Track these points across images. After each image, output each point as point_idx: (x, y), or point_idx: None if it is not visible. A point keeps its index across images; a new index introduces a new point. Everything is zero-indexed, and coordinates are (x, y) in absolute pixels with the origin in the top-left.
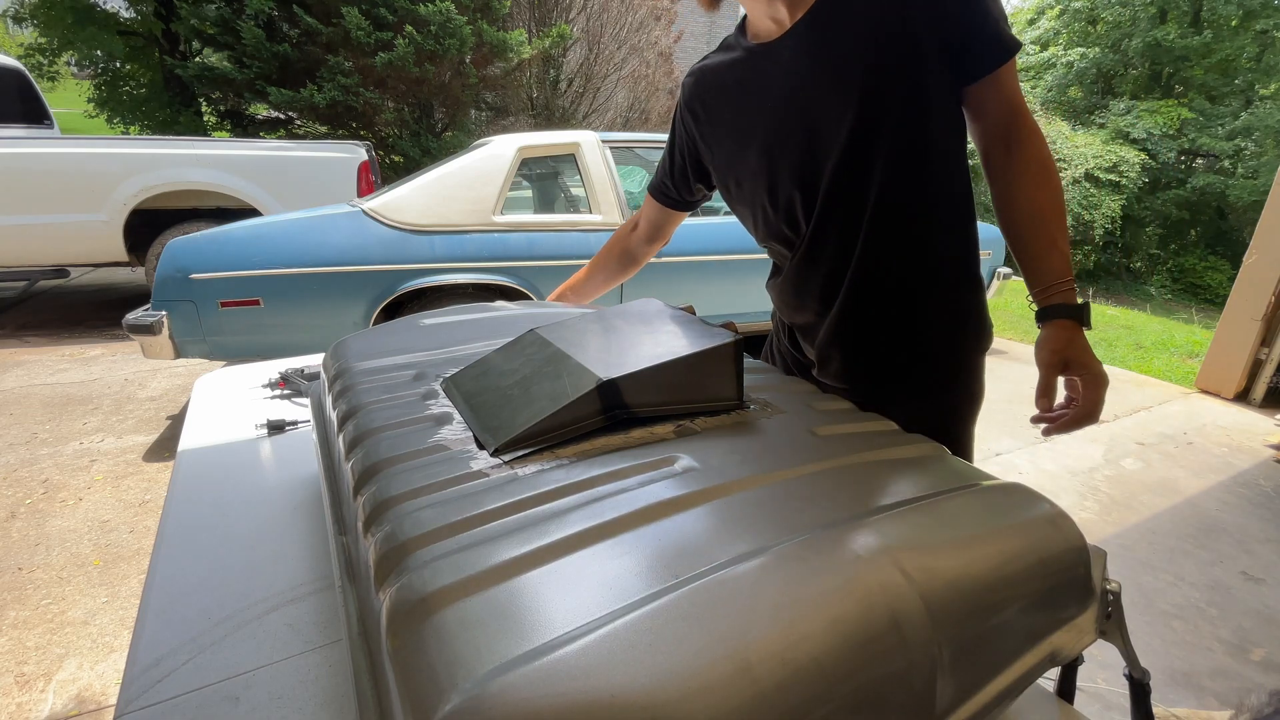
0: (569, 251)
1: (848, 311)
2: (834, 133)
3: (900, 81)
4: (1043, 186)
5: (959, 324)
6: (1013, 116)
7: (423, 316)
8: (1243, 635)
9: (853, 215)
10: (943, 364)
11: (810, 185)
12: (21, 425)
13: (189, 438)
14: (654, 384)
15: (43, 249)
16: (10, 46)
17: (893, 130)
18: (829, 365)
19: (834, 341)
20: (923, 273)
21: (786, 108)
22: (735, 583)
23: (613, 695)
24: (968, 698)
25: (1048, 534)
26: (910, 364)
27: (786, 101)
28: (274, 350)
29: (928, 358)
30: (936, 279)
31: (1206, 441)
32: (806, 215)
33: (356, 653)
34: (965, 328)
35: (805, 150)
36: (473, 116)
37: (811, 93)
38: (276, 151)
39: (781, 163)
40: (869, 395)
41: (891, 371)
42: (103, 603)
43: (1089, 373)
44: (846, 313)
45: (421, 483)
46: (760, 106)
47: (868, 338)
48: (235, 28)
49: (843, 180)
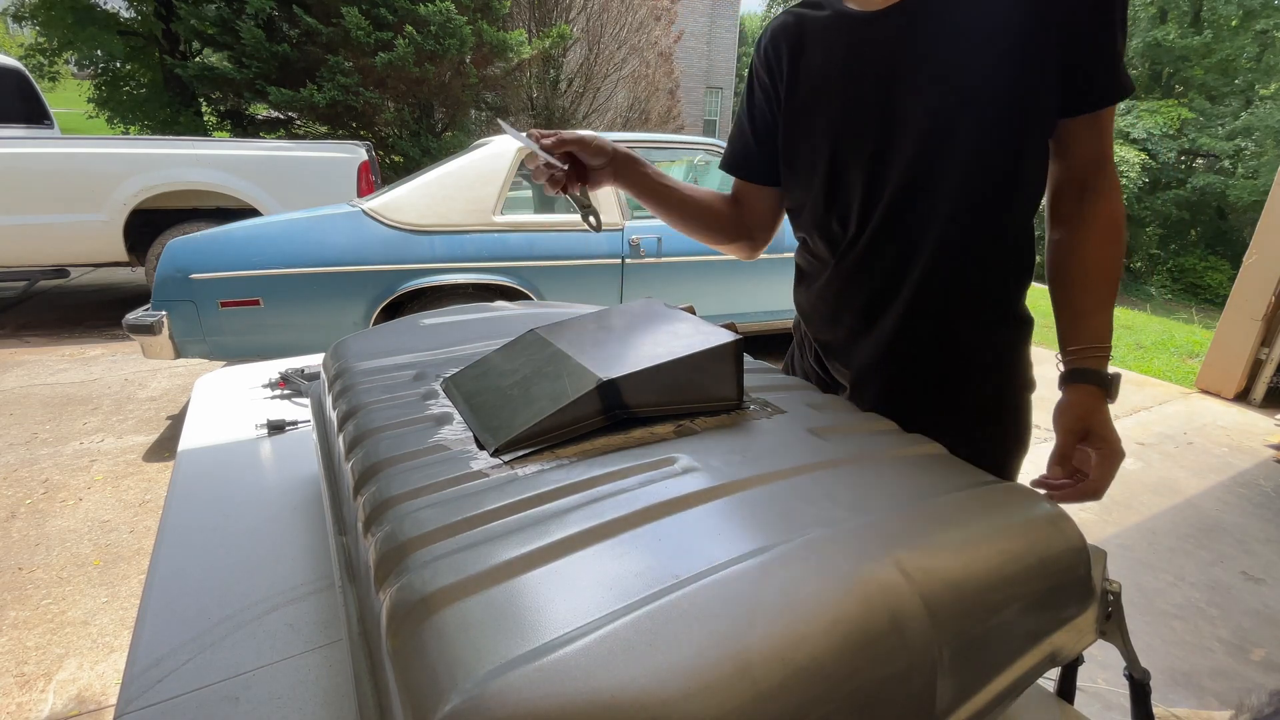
0: (569, 251)
1: (897, 333)
2: (921, 125)
3: (1011, 87)
4: (1108, 244)
5: (1014, 361)
6: (1098, 163)
7: (423, 316)
8: (1243, 635)
9: (923, 223)
10: (993, 402)
11: (879, 180)
12: (21, 425)
13: (189, 438)
14: (654, 384)
15: (43, 249)
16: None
17: (989, 139)
18: (866, 389)
19: (877, 365)
20: (986, 300)
21: (874, 87)
22: (735, 583)
23: (613, 695)
24: (968, 698)
25: (1048, 534)
26: (958, 397)
27: (875, 81)
28: (274, 350)
29: (977, 393)
30: (998, 309)
31: (1206, 441)
32: (864, 214)
33: (356, 653)
34: (1019, 366)
35: (881, 138)
36: (473, 116)
37: (907, 78)
38: (276, 151)
39: (849, 147)
40: (906, 426)
41: (937, 404)
42: (103, 603)
43: (1108, 447)
44: (896, 334)
45: (421, 483)
46: (841, 79)
47: (915, 365)
48: (235, 28)
49: (921, 181)
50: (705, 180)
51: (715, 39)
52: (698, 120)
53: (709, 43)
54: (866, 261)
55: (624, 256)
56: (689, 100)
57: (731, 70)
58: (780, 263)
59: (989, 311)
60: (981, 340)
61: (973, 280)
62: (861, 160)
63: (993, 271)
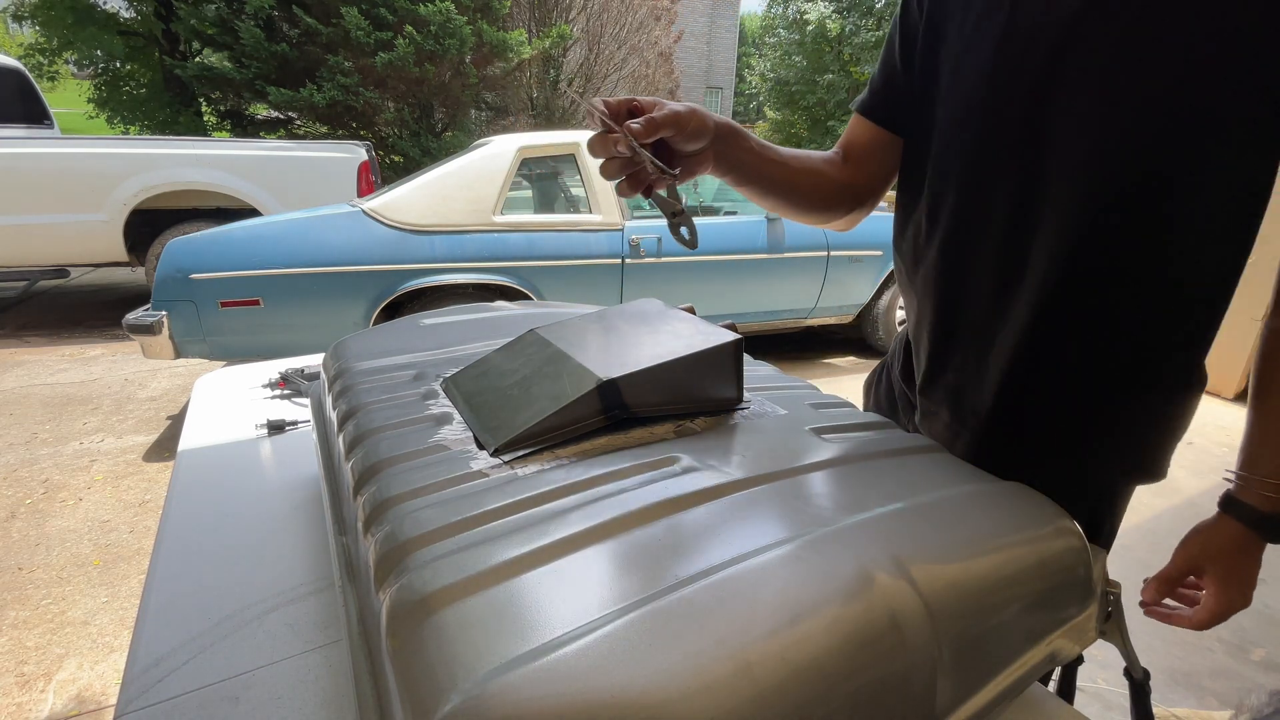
0: (569, 251)
1: (1050, 327)
2: (1137, 86)
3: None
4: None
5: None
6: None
7: (423, 316)
8: (1243, 635)
9: (1138, 220)
10: (1143, 451)
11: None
12: (21, 425)
13: (189, 438)
14: (654, 384)
15: (43, 249)
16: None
17: (1219, 131)
18: (971, 399)
19: (1016, 376)
20: (1173, 328)
21: (1075, 24)
22: (735, 583)
23: (613, 695)
24: (968, 698)
25: (1048, 534)
26: (1100, 435)
27: (1077, 15)
28: (274, 350)
29: (1123, 435)
30: (1185, 344)
31: (1206, 441)
32: (1032, 180)
33: (356, 653)
34: (1182, 423)
35: (1100, 96)
36: (473, 116)
37: (1130, 24)
38: (276, 151)
39: (1025, 98)
40: (1025, 450)
41: (1074, 439)
42: (103, 603)
43: (1228, 595)
44: (1048, 329)
45: (421, 483)
46: (1029, 12)
47: (1061, 377)
48: (234, 28)
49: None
50: (705, 180)
51: (715, 39)
52: None
53: (709, 43)
54: (1022, 235)
55: (624, 256)
56: (689, 100)
57: (731, 70)
58: (780, 263)
59: (1194, 339)
60: (1172, 369)
61: (1176, 290)
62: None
63: (1205, 287)
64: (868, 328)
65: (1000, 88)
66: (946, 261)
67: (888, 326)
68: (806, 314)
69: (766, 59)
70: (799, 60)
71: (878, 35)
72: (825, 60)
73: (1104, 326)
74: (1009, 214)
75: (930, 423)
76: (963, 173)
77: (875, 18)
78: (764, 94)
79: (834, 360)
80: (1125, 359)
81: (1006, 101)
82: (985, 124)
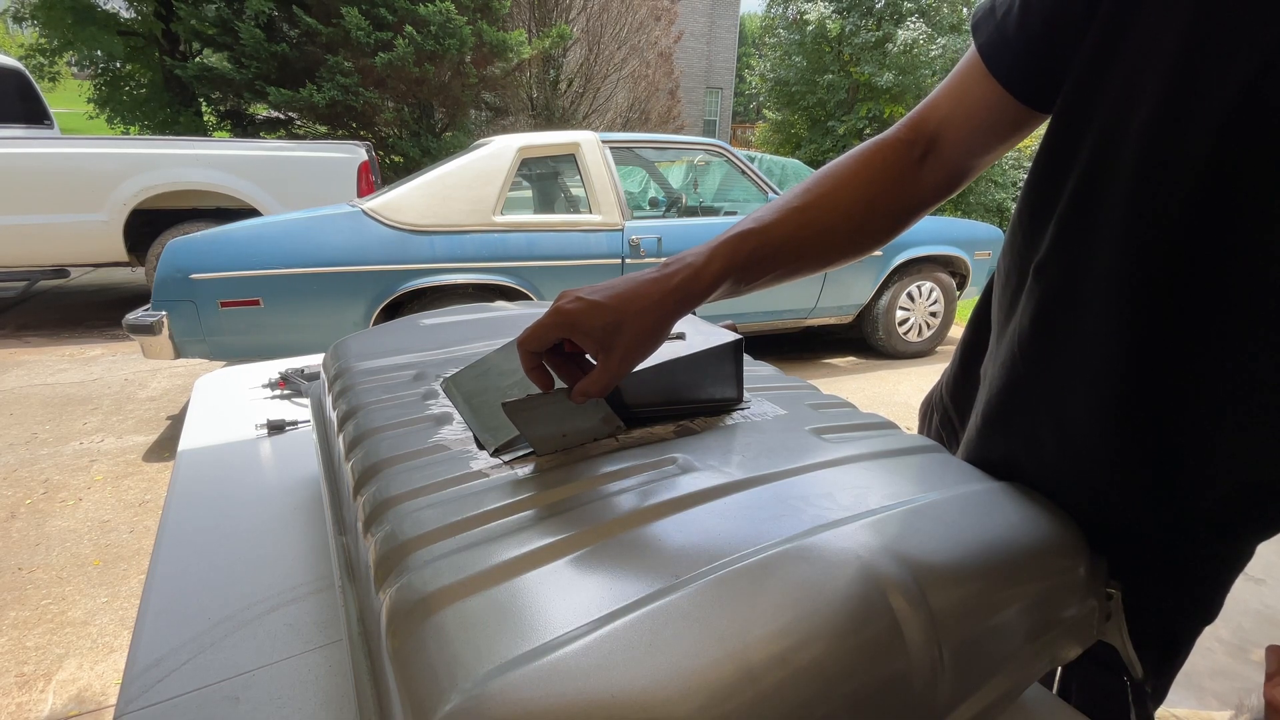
0: (569, 252)
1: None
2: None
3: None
4: None
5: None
6: None
7: (423, 316)
8: (1243, 635)
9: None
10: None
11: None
12: (21, 425)
13: (189, 438)
14: (654, 384)
15: (43, 249)
16: (10, 46)
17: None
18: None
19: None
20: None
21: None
22: (735, 583)
23: (613, 695)
24: (968, 698)
25: (1048, 534)
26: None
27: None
28: (274, 350)
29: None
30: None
31: None
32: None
33: (356, 653)
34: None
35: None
36: (473, 116)
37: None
38: (276, 151)
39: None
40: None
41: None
42: (103, 603)
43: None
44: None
45: (421, 483)
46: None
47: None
48: (234, 28)
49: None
50: (705, 181)
51: (715, 39)
52: (698, 120)
53: (709, 43)
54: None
55: (624, 257)
56: (689, 100)
57: (731, 70)
58: None
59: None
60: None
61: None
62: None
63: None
64: (868, 328)
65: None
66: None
67: (888, 327)
68: (806, 314)
69: (766, 59)
70: (799, 60)
71: (878, 35)
72: (825, 60)
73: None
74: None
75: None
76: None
77: (875, 18)
78: (764, 94)
79: (834, 360)
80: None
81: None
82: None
